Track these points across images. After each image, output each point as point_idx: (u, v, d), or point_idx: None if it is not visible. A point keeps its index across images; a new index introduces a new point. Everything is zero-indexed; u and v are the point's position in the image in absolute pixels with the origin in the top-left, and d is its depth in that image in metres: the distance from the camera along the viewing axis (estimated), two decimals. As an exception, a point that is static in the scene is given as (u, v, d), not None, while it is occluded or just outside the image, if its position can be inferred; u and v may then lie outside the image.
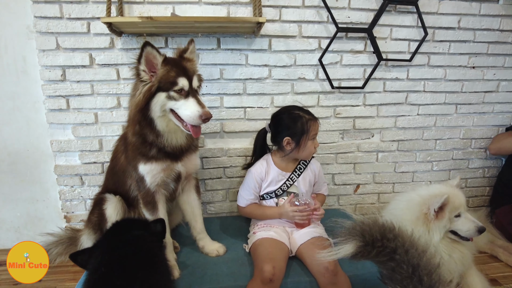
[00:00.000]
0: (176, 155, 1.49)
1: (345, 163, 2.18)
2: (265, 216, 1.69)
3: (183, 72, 1.35)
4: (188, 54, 1.46)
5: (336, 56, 1.98)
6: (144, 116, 1.37)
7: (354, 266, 1.57)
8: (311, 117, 1.62)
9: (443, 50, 2.07)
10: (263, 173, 1.70)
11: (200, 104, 1.34)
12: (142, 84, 1.34)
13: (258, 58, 1.91)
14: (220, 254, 1.65)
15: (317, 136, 1.65)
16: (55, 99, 1.84)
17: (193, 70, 1.42)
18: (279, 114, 1.68)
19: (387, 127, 2.16)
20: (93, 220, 1.64)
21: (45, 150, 1.92)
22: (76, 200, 2.01)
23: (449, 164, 2.31)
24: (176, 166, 1.49)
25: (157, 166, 1.44)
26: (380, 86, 2.08)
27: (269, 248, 1.50)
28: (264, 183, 1.70)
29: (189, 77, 1.35)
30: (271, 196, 1.71)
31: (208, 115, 1.33)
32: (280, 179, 1.69)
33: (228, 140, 2.04)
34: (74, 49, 1.79)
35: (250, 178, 1.71)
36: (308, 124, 1.59)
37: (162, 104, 1.34)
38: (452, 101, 2.18)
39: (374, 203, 2.31)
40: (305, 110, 1.65)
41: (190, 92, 1.35)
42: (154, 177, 1.46)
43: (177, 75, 1.33)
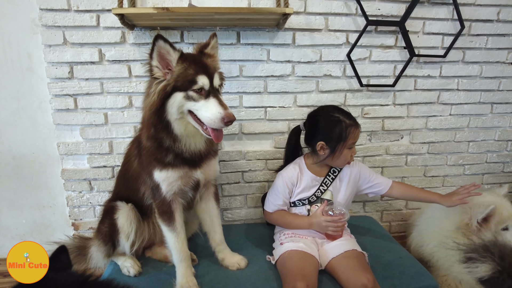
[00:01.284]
0: (194, 162, 1.35)
1: (372, 167, 2.01)
2: (293, 225, 1.55)
3: (203, 70, 1.21)
4: (209, 50, 1.32)
5: (365, 51, 1.83)
6: (159, 119, 1.23)
7: (389, 282, 1.43)
8: (352, 123, 1.46)
9: (479, 45, 1.91)
10: (295, 178, 1.55)
11: (223, 105, 1.20)
12: (155, 82, 1.21)
13: (280, 53, 1.76)
14: (242, 267, 1.52)
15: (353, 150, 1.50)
16: (62, 98, 1.71)
17: (214, 67, 1.28)
18: (316, 114, 1.53)
19: (418, 128, 2.01)
20: (103, 230, 1.51)
21: (51, 153, 1.80)
22: (84, 206, 1.88)
23: (483, 168, 2.16)
24: (194, 173, 1.36)
25: (173, 173, 1.31)
26: (411, 84, 1.93)
27: (300, 263, 1.36)
28: (296, 188, 1.56)
29: (210, 75, 1.21)
30: (303, 203, 1.56)
31: (231, 117, 1.18)
32: (313, 184, 1.55)
33: (247, 142, 1.90)
34: (82, 44, 1.65)
35: (281, 182, 1.57)
36: (348, 130, 1.43)
37: (180, 105, 1.20)
38: (487, 100, 2.02)
39: (401, 210, 2.16)
40: (346, 113, 1.49)
41: (211, 91, 1.21)
42: (171, 185, 1.33)
43: (196, 72, 1.19)
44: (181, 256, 1.39)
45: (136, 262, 1.53)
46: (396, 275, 1.48)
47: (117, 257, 1.55)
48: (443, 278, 1.55)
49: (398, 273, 1.49)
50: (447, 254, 1.55)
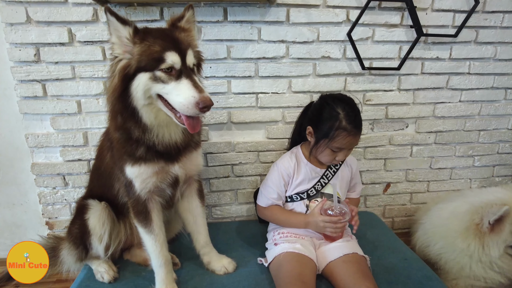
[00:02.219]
0: (171, 155, 1.17)
1: (374, 159, 1.86)
2: (288, 223, 1.40)
3: (173, 45, 1.01)
4: (183, 23, 1.12)
5: (367, 30, 1.64)
6: (124, 105, 1.04)
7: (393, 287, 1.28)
8: (349, 129, 1.25)
9: (494, 23, 1.72)
10: (291, 169, 1.39)
11: (197, 88, 1.00)
12: (116, 60, 1.03)
13: (273, 32, 1.57)
14: (229, 271, 1.37)
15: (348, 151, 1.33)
16: (29, 85, 1.53)
17: (188, 42, 1.07)
18: (325, 98, 1.35)
19: (424, 116, 1.84)
20: (73, 232, 1.36)
21: (19, 145, 1.62)
22: (59, 203, 1.71)
23: (494, 159, 1.99)
24: (172, 168, 1.18)
25: (147, 169, 1.14)
26: (417, 68, 1.75)
27: (298, 267, 1.21)
28: (293, 180, 1.40)
29: (181, 52, 1.02)
30: (302, 197, 1.40)
31: (207, 101, 0.98)
32: (313, 176, 1.39)
33: (236, 132, 1.72)
34: (49, 22, 1.46)
35: (276, 173, 1.41)
36: (337, 132, 1.25)
37: (146, 88, 1.01)
38: (501, 85, 1.84)
39: (405, 204, 2.01)
40: (353, 115, 1.27)
41: (183, 71, 1.01)
42: (145, 182, 1.16)
43: (163, 49, 0.99)
44: (160, 260, 1.24)
45: (111, 266, 1.38)
46: (401, 280, 1.33)
47: (91, 261, 1.41)
48: (452, 283, 1.41)
49: (404, 278, 1.34)
50: (456, 256, 1.41)
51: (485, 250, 1.34)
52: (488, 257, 1.33)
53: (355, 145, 1.34)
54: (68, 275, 1.46)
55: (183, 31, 1.10)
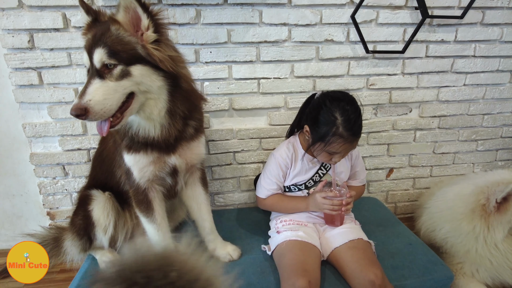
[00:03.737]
0: (167, 146, 1.13)
1: (377, 144, 1.84)
2: (290, 207, 1.39)
3: (88, 43, 0.97)
4: (119, 14, 0.97)
5: (371, 12, 1.59)
6: None
7: (399, 273, 1.29)
8: (346, 136, 1.20)
9: (501, 4, 1.67)
10: (289, 160, 1.37)
11: (82, 93, 0.92)
12: None
13: (275, 14, 1.52)
14: (234, 258, 1.37)
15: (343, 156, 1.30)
16: (24, 72, 1.48)
17: (107, 39, 0.94)
18: (324, 98, 1.27)
19: (428, 100, 1.81)
20: (77, 223, 1.35)
21: (17, 135, 1.59)
22: (59, 194, 1.69)
23: (497, 143, 1.98)
24: (168, 159, 1.15)
25: (143, 158, 1.12)
26: (422, 51, 1.71)
27: (301, 255, 1.20)
28: (291, 171, 1.38)
29: (89, 50, 0.95)
30: (299, 188, 1.39)
31: (74, 109, 0.90)
32: (310, 167, 1.37)
33: (238, 119, 1.69)
34: (42, 7, 1.41)
35: (273, 164, 1.39)
36: (333, 139, 1.20)
37: None
38: (507, 68, 1.81)
39: (408, 189, 2.00)
40: (351, 119, 1.20)
41: (92, 72, 0.96)
42: (142, 171, 1.14)
43: (84, 46, 0.99)
44: None
45: (115, 256, 1.38)
46: (406, 265, 1.33)
47: (95, 251, 1.41)
48: (457, 266, 1.41)
49: (408, 262, 1.35)
50: (462, 240, 1.40)
51: (490, 232, 1.33)
52: (493, 238, 1.33)
53: (353, 149, 1.31)
54: (72, 265, 1.46)
55: (115, 23, 0.96)
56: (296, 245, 1.25)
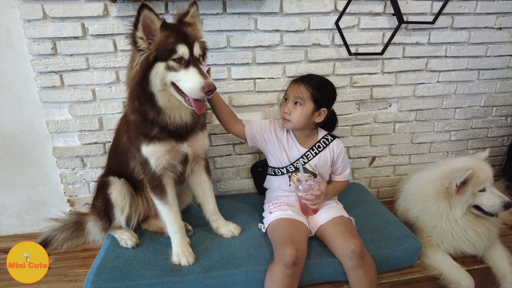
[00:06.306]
0: (180, 135, 1.36)
1: (361, 135, 2.06)
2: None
3: (183, 38, 1.20)
4: (188, 18, 1.30)
5: (353, 19, 1.80)
6: (143, 91, 1.23)
7: (376, 244, 1.52)
8: (296, 78, 1.61)
9: (468, 10, 1.89)
10: (278, 128, 1.66)
11: (203, 75, 1.20)
12: (139, 53, 1.20)
13: (268, 22, 1.73)
14: (235, 235, 1.58)
15: (297, 101, 1.55)
16: (47, 76, 1.67)
17: (195, 36, 1.26)
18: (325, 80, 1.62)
19: (406, 96, 2.03)
20: (97, 206, 1.55)
21: (41, 131, 1.78)
22: (78, 183, 1.90)
23: (468, 134, 2.21)
24: (181, 147, 1.38)
25: (160, 147, 1.33)
26: (399, 52, 1.92)
27: (289, 229, 1.42)
28: (279, 137, 1.65)
29: (189, 44, 1.20)
30: (282, 172, 1.62)
31: (212, 86, 1.19)
32: (291, 147, 1.62)
33: (237, 114, 1.86)
34: (63, 18, 1.59)
35: (267, 120, 1.71)
36: None
37: (162, 76, 1.21)
38: (474, 67, 2.03)
39: (389, 176, 2.23)
40: (310, 75, 1.63)
41: (191, 61, 1.21)
42: (159, 159, 1.35)
43: (176, 41, 1.18)
44: (175, 227, 1.44)
45: (133, 234, 1.58)
46: (383, 238, 1.56)
47: (114, 231, 1.59)
48: (426, 239, 1.64)
49: (385, 236, 1.57)
50: (430, 217, 1.63)
51: (452, 210, 1.56)
52: (454, 215, 1.55)
53: (298, 93, 1.53)
54: (94, 244, 1.67)
55: (189, 26, 1.27)
56: (286, 222, 1.47)
